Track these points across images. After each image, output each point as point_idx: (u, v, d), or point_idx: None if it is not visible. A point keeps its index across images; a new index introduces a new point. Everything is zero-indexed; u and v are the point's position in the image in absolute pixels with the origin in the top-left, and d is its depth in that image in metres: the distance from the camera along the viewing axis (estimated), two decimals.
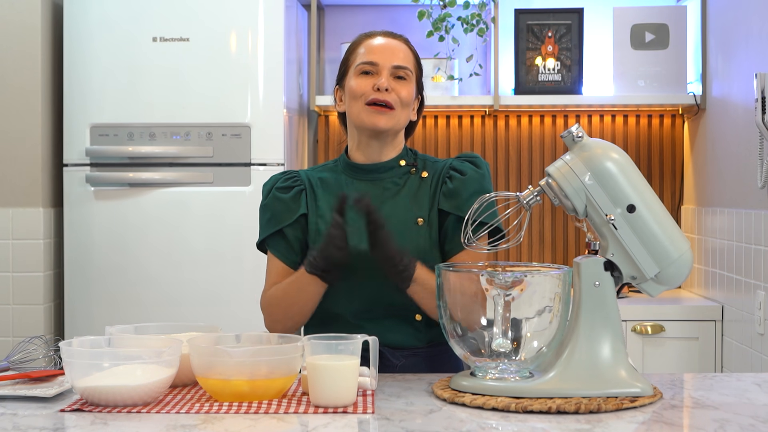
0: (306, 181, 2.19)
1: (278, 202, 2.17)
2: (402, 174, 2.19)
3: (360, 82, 2.14)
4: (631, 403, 1.72)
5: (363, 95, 2.12)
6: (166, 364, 1.73)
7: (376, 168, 2.18)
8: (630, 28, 3.82)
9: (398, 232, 2.09)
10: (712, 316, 3.48)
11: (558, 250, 4.09)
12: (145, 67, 3.41)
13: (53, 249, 3.52)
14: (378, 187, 2.17)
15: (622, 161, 1.82)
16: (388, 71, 2.13)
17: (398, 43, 2.18)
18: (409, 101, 2.16)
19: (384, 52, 2.15)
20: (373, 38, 2.19)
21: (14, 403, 1.75)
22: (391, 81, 2.13)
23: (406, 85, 2.15)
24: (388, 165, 2.18)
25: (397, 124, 2.15)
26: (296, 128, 3.74)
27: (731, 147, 3.41)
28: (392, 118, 2.13)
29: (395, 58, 2.15)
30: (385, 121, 2.12)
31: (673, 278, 1.83)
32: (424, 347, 2.16)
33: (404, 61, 2.16)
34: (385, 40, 2.18)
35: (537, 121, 4.08)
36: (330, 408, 1.69)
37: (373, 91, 2.12)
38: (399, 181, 2.18)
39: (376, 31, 2.22)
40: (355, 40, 2.22)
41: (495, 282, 1.78)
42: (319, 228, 2.14)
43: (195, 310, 3.35)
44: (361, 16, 4.14)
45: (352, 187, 2.17)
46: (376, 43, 2.17)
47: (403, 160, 2.20)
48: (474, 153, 2.24)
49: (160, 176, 3.40)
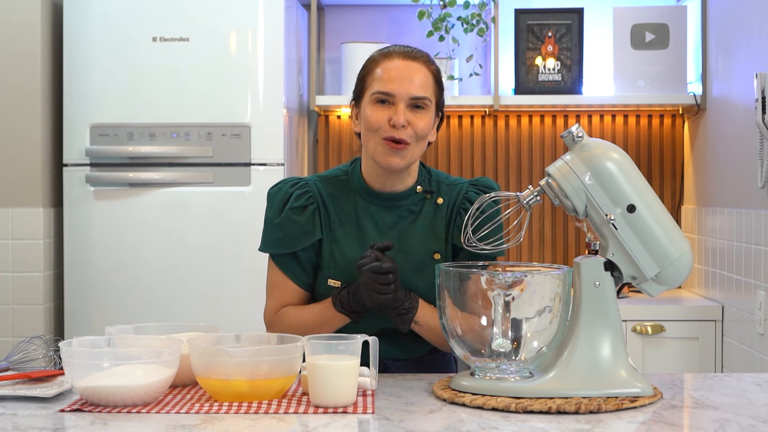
0: (318, 195, 2.13)
1: (293, 225, 2.10)
2: (418, 200, 2.15)
3: (375, 113, 2.04)
4: (631, 403, 1.72)
5: (379, 129, 2.04)
6: (166, 364, 1.73)
7: (393, 196, 2.13)
8: (630, 28, 3.82)
9: (416, 267, 2.09)
10: (712, 316, 3.48)
11: (558, 250, 4.09)
12: (145, 67, 3.41)
13: (53, 249, 3.52)
14: (394, 214, 2.13)
15: (622, 161, 1.82)
16: (404, 103, 2.03)
17: (418, 67, 2.06)
18: (426, 132, 2.07)
19: (402, 80, 2.03)
20: (391, 60, 2.07)
21: (14, 403, 1.75)
22: (407, 113, 2.03)
23: (423, 115, 2.05)
24: (405, 194, 2.14)
25: (412, 160, 2.07)
26: (296, 128, 3.74)
27: (731, 147, 3.40)
28: (406, 156, 2.05)
29: (413, 87, 2.04)
30: (399, 160, 2.05)
31: (673, 278, 1.83)
32: (425, 356, 2.17)
33: (422, 89, 2.05)
34: (403, 63, 2.06)
35: (537, 121, 4.08)
36: (330, 408, 1.69)
37: (389, 127, 2.03)
38: (415, 209, 2.14)
39: (394, 51, 2.09)
40: (372, 58, 2.11)
41: (495, 282, 1.78)
42: (334, 256, 2.11)
43: (195, 310, 3.35)
44: (361, 16, 4.14)
45: (367, 212, 2.13)
46: (395, 67, 2.05)
47: (420, 186, 2.15)
48: (487, 179, 2.19)
49: (160, 176, 3.40)
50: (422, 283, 2.08)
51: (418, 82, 2.05)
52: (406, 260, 2.07)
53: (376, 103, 2.05)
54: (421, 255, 2.10)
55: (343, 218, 2.13)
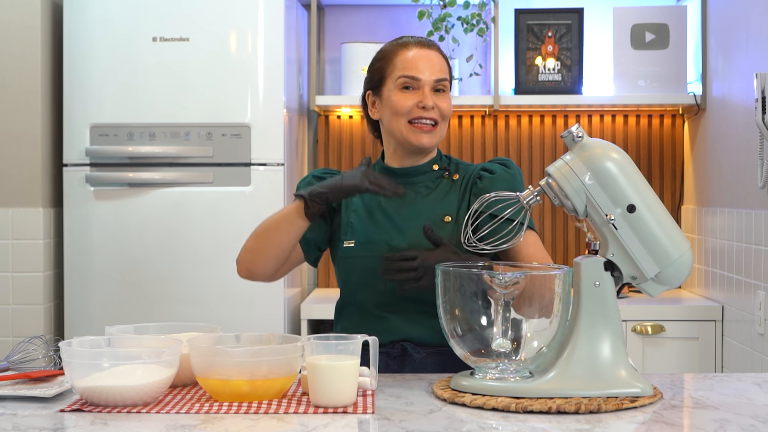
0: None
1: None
2: (435, 178, 2.23)
3: (402, 98, 2.15)
4: (631, 403, 1.72)
5: (408, 113, 2.15)
6: (166, 364, 1.73)
7: (410, 172, 2.22)
8: (630, 28, 3.82)
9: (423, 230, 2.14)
10: (712, 316, 3.48)
11: (558, 250, 4.09)
12: (145, 67, 3.41)
13: (53, 249, 3.52)
14: (411, 190, 2.21)
15: (622, 161, 1.82)
16: (429, 86, 2.15)
17: (435, 54, 2.19)
18: (449, 112, 2.19)
19: (425, 64, 2.16)
20: (409, 49, 2.19)
21: (14, 403, 1.75)
22: (434, 96, 2.15)
23: (445, 97, 2.18)
24: (422, 169, 2.22)
25: (440, 138, 2.20)
26: (296, 128, 3.74)
27: (731, 147, 3.40)
28: (436, 135, 2.17)
29: (435, 71, 2.16)
30: (429, 139, 2.16)
31: (673, 278, 1.83)
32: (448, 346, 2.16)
33: (442, 72, 2.18)
34: (422, 50, 2.18)
35: (537, 121, 4.08)
36: (330, 408, 1.69)
37: (418, 109, 2.14)
38: (431, 185, 2.22)
39: (409, 41, 2.21)
40: (387, 48, 2.22)
41: (495, 282, 1.78)
42: (351, 221, 2.20)
43: (195, 310, 3.35)
44: (361, 16, 4.14)
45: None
46: (414, 54, 2.17)
47: (436, 165, 2.23)
48: (507, 158, 2.26)
49: (160, 176, 3.40)
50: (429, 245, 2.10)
51: (438, 66, 2.18)
52: (416, 224, 2.13)
53: (402, 88, 2.16)
54: (432, 219, 2.16)
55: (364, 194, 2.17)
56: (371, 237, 2.16)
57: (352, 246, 2.17)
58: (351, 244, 2.17)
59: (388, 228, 2.17)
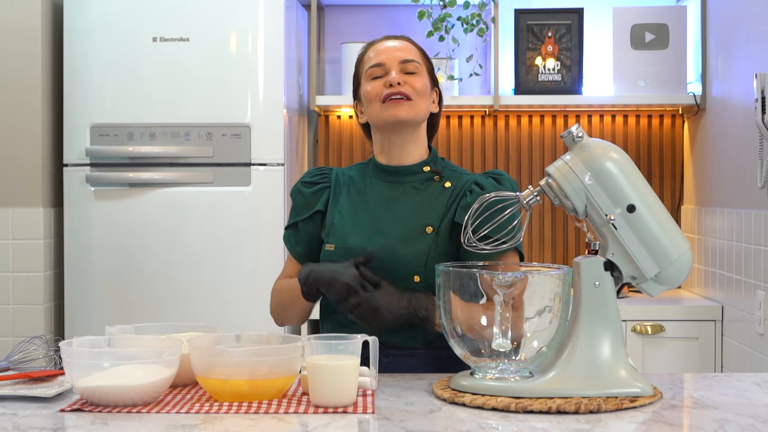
0: (334, 179, 2.25)
1: (299, 196, 2.26)
2: (424, 180, 2.20)
3: (372, 85, 2.18)
4: (631, 403, 1.72)
5: (377, 95, 2.16)
6: (166, 364, 1.73)
7: (400, 171, 2.20)
8: (630, 28, 3.83)
9: (404, 237, 2.12)
10: (712, 316, 3.48)
11: (558, 250, 4.09)
12: (145, 67, 3.41)
13: (53, 249, 3.52)
14: (398, 189, 2.20)
15: (622, 161, 1.82)
16: (397, 68, 2.17)
17: (401, 42, 2.24)
18: (425, 91, 2.18)
19: (389, 51, 2.20)
20: (376, 43, 2.25)
21: (14, 403, 1.75)
22: (402, 76, 2.16)
23: (417, 77, 2.18)
24: (412, 169, 2.20)
25: (418, 114, 2.17)
26: (296, 128, 3.74)
27: (731, 147, 3.41)
28: (412, 108, 2.15)
29: (400, 53, 2.19)
30: (406, 111, 2.15)
31: (673, 278, 1.83)
32: (420, 348, 2.15)
33: (409, 54, 2.20)
34: (388, 41, 2.24)
35: (537, 121, 4.08)
36: (330, 408, 1.69)
37: (386, 88, 2.15)
38: (420, 187, 2.20)
39: (376, 39, 2.28)
40: (360, 52, 2.27)
41: (495, 282, 1.78)
42: (334, 221, 2.19)
43: (195, 310, 3.36)
44: (361, 16, 4.14)
45: (375, 187, 2.21)
46: (379, 46, 2.23)
47: (428, 166, 2.21)
48: (500, 170, 2.24)
49: (160, 176, 3.40)
50: (408, 252, 2.10)
51: (404, 50, 2.21)
52: (396, 229, 2.13)
53: (372, 79, 2.19)
54: (413, 226, 2.14)
55: (353, 192, 2.22)
56: (349, 242, 2.14)
57: (332, 251, 2.16)
58: (331, 249, 2.16)
59: (368, 230, 2.14)
